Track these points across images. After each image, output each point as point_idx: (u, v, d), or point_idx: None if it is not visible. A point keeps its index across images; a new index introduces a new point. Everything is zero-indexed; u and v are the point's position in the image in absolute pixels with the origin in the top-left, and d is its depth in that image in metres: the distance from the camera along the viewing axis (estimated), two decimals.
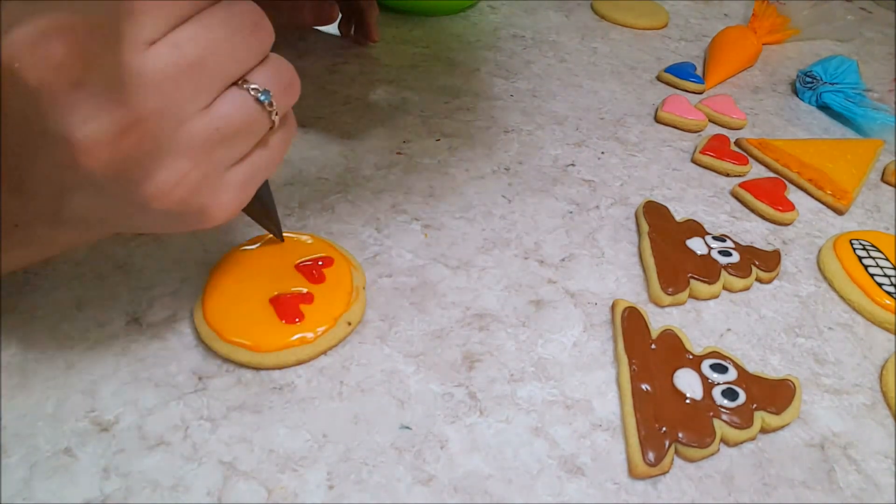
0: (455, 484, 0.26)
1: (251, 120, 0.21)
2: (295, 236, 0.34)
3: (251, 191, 0.24)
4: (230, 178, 0.22)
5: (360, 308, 0.31)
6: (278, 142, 0.24)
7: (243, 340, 0.28)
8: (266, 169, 0.24)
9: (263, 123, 0.22)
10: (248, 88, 0.21)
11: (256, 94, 0.21)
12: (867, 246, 0.39)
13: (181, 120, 0.20)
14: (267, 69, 0.22)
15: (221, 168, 0.22)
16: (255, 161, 0.23)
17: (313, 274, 0.31)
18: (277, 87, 0.22)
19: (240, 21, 0.20)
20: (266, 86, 0.21)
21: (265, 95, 0.21)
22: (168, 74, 0.19)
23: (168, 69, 0.19)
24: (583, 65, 0.58)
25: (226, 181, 0.22)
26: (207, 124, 0.20)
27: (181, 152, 0.20)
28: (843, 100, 0.55)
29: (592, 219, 0.40)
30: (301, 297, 0.30)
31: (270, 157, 0.24)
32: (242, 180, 0.23)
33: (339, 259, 0.32)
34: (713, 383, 0.30)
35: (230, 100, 0.21)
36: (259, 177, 0.24)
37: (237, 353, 0.28)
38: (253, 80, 0.21)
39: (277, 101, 0.22)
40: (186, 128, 0.20)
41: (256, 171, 0.23)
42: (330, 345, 0.30)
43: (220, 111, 0.20)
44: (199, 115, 0.20)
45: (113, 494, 0.24)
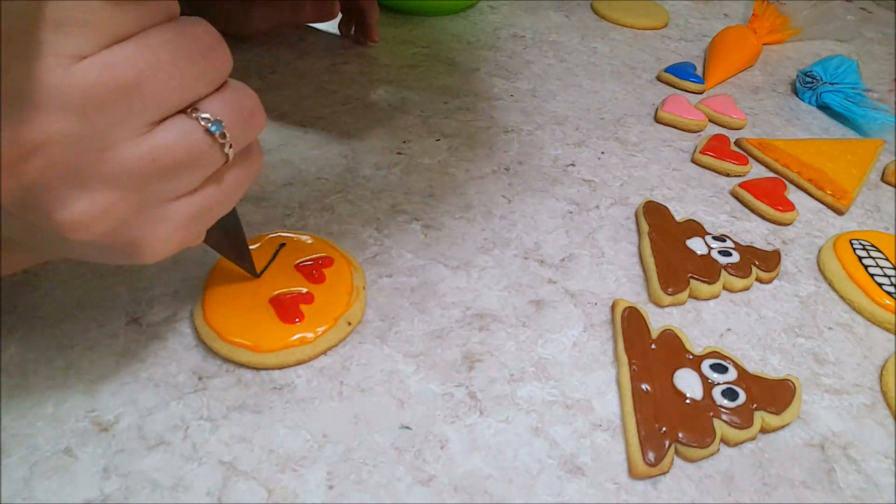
0: (455, 484, 0.26)
1: (197, 152, 0.19)
2: (295, 236, 0.34)
3: (199, 227, 0.22)
4: (170, 212, 0.20)
5: (360, 308, 0.31)
6: (235, 179, 0.22)
7: (243, 340, 0.28)
8: (219, 206, 0.22)
9: (214, 157, 0.20)
10: (198, 117, 0.19)
11: (206, 125, 0.19)
12: (867, 246, 0.39)
13: (106, 147, 0.18)
14: (223, 97, 0.20)
15: (159, 202, 0.20)
16: (204, 197, 0.21)
17: (313, 274, 0.31)
18: (233, 118, 0.20)
19: (190, 44, 0.18)
20: (219, 115, 0.19)
21: (216, 126, 0.19)
22: (93, 95, 0.17)
23: (93, 89, 0.17)
24: (583, 65, 0.58)
25: (165, 216, 0.20)
26: (142, 154, 0.18)
27: (106, 182, 0.18)
28: (843, 100, 0.55)
29: (592, 219, 0.40)
30: (301, 297, 0.30)
31: (224, 194, 0.22)
32: (186, 216, 0.21)
33: (339, 259, 0.32)
34: (713, 383, 0.30)
35: (173, 128, 0.19)
36: (210, 215, 0.22)
37: (237, 353, 0.28)
38: (205, 108, 0.19)
39: (232, 132, 0.20)
40: (113, 156, 0.18)
41: (205, 208, 0.21)
42: (330, 345, 0.30)
43: (159, 140, 0.18)
44: (131, 143, 0.18)
45: (113, 494, 0.24)
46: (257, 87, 0.48)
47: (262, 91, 0.47)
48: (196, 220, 0.21)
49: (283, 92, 0.48)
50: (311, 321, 0.29)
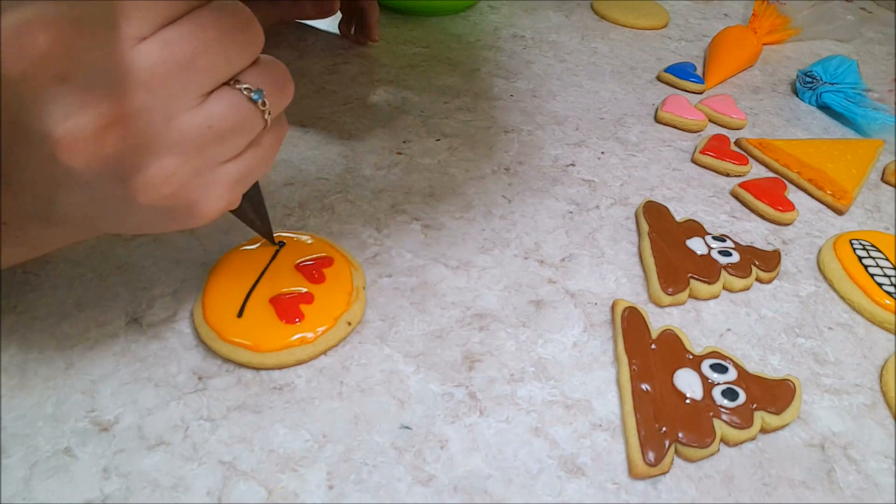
0: (455, 484, 0.26)
1: (244, 119, 0.21)
2: (295, 236, 0.34)
3: (242, 189, 0.24)
4: (221, 175, 0.22)
5: (360, 308, 0.31)
6: (271, 141, 0.24)
7: (243, 340, 0.28)
8: (258, 168, 0.24)
9: (256, 122, 0.22)
10: (241, 88, 0.21)
11: (249, 94, 0.21)
12: (867, 246, 0.39)
13: (170, 117, 0.20)
14: (259, 69, 0.22)
15: (212, 165, 0.22)
16: (247, 160, 0.23)
17: (313, 274, 0.31)
18: (270, 87, 0.22)
19: (230, 22, 0.20)
20: (259, 85, 0.21)
21: (258, 94, 0.21)
22: (157, 71, 0.19)
23: (157, 66, 0.19)
24: (583, 65, 0.58)
25: (216, 178, 0.22)
26: (199, 122, 0.20)
27: (170, 148, 0.20)
28: (843, 100, 0.55)
29: (592, 219, 0.40)
30: (301, 297, 0.30)
31: (263, 156, 0.24)
32: (234, 178, 0.23)
33: (339, 259, 0.32)
34: (713, 383, 0.30)
35: (222, 98, 0.21)
36: (251, 176, 0.24)
37: (237, 353, 0.28)
38: (245, 79, 0.21)
39: (270, 100, 0.22)
40: (176, 124, 0.20)
41: (248, 169, 0.23)
42: (330, 345, 0.30)
43: (212, 109, 0.20)
44: (190, 113, 0.20)
45: (113, 494, 0.24)
46: None
47: None
48: (241, 181, 0.23)
49: None
50: (311, 321, 0.29)
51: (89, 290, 0.31)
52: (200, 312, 0.29)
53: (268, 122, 0.23)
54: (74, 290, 0.31)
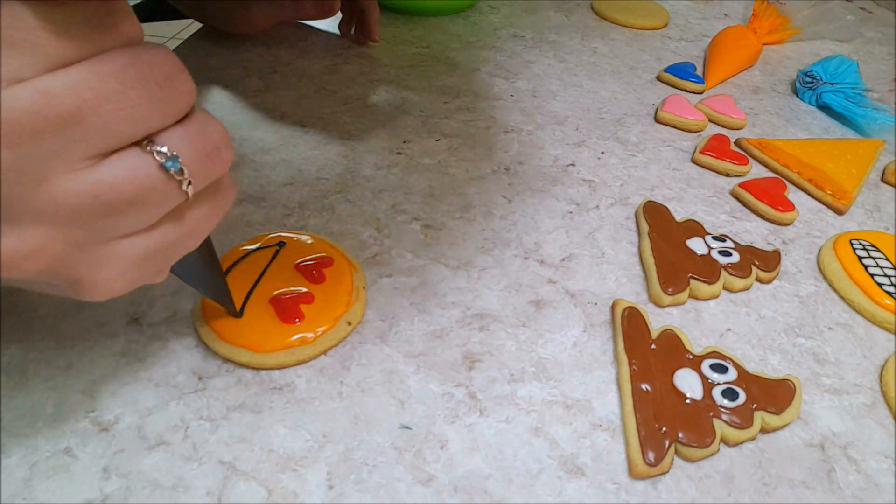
0: (455, 484, 0.26)
1: (149, 189, 0.18)
2: (295, 236, 0.34)
3: (158, 266, 0.21)
4: (118, 251, 0.19)
5: (360, 308, 0.31)
6: (199, 216, 0.21)
7: (243, 340, 0.28)
8: (181, 244, 0.21)
9: (170, 194, 0.18)
10: (153, 151, 0.18)
11: (161, 160, 0.18)
12: (867, 246, 0.39)
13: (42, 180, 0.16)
14: (184, 131, 0.18)
15: (105, 240, 0.18)
16: (162, 235, 0.20)
17: (313, 274, 0.31)
18: (194, 153, 0.18)
19: (145, 72, 0.17)
20: (177, 150, 0.18)
21: (172, 162, 0.18)
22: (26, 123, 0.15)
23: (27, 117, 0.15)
24: (583, 65, 0.58)
25: (111, 254, 0.19)
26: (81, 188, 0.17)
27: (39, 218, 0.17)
28: (843, 100, 0.55)
29: (592, 219, 0.40)
30: (301, 297, 0.30)
31: (185, 232, 0.20)
32: (139, 255, 0.19)
33: (339, 259, 0.32)
34: (713, 383, 0.30)
35: (122, 163, 0.17)
36: (171, 253, 0.21)
37: (237, 354, 0.28)
38: (162, 142, 0.18)
39: (192, 168, 0.18)
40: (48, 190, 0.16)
41: (163, 246, 0.20)
42: (330, 345, 0.30)
43: (103, 175, 0.17)
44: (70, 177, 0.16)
45: (113, 494, 0.24)
46: (257, 87, 0.48)
47: (261, 91, 0.47)
48: (152, 259, 0.20)
49: (283, 92, 0.48)
50: (311, 321, 0.29)
51: None
52: (200, 312, 0.29)
53: (189, 195, 0.19)
54: None
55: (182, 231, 0.20)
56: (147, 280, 0.21)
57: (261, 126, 0.44)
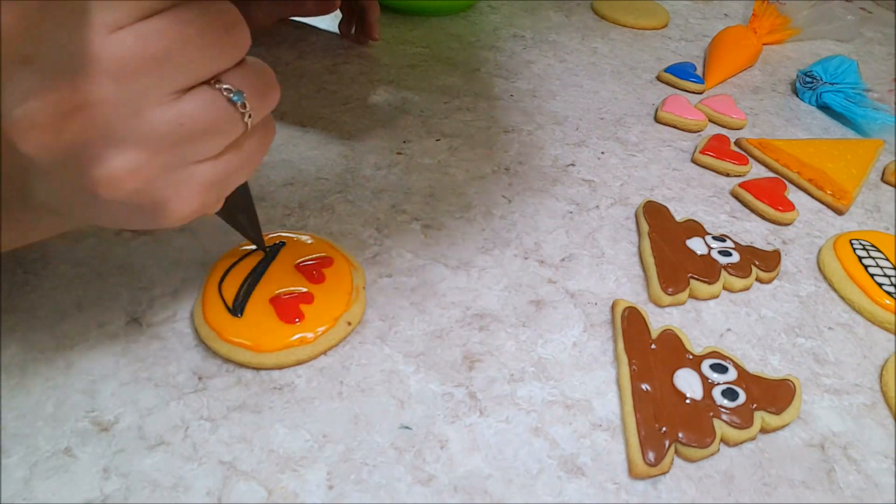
0: (455, 484, 0.26)
1: (220, 119, 0.21)
2: (295, 236, 0.34)
3: (220, 193, 0.23)
4: (194, 175, 0.21)
5: (360, 308, 0.31)
6: (253, 147, 0.23)
7: (243, 340, 0.28)
8: (238, 173, 0.23)
9: (235, 125, 0.21)
10: (220, 88, 0.20)
11: (228, 95, 0.21)
12: (867, 246, 0.39)
13: (138, 110, 0.19)
14: (243, 71, 0.21)
15: (185, 164, 0.21)
16: (225, 163, 0.22)
17: (313, 274, 0.31)
18: (252, 90, 0.21)
19: (214, 20, 0.19)
20: (240, 87, 0.21)
21: (238, 96, 0.21)
22: (128, 63, 0.18)
23: (129, 58, 0.18)
24: (583, 65, 0.58)
25: (189, 178, 0.21)
26: (170, 118, 0.19)
27: (137, 143, 0.19)
28: (843, 100, 0.55)
29: (592, 219, 0.40)
30: (301, 297, 0.30)
31: (244, 161, 0.23)
32: (209, 180, 0.22)
33: (339, 259, 0.32)
34: (713, 383, 0.30)
35: (198, 97, 0.20)
36: (230, 180, 0.23)
37: (237, 354, 0.28)
38: (226, 80, 0.21)
39: (252, 103, 0.21)
40: (144, 119, 0.19)
41: (227, 173, 0.22)
42: (330, 345, 0.30)
43: (186, 106, 0.20)
44: (161, 108, 0.19)
45: (113, 494, 0.24)
46: None
47: None
48: (217, 185, 0.22)
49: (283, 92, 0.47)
50: (311, 321, 0.29)
51: (89, 290, 0.31)
52: (200, 312, 0.29)
53: (248, 126, 0.22)
54: (74, 290, 0.31)
55: (241, 159, 0.23)
56: (209, 208, 0.23)
57: None
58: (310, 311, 0.30)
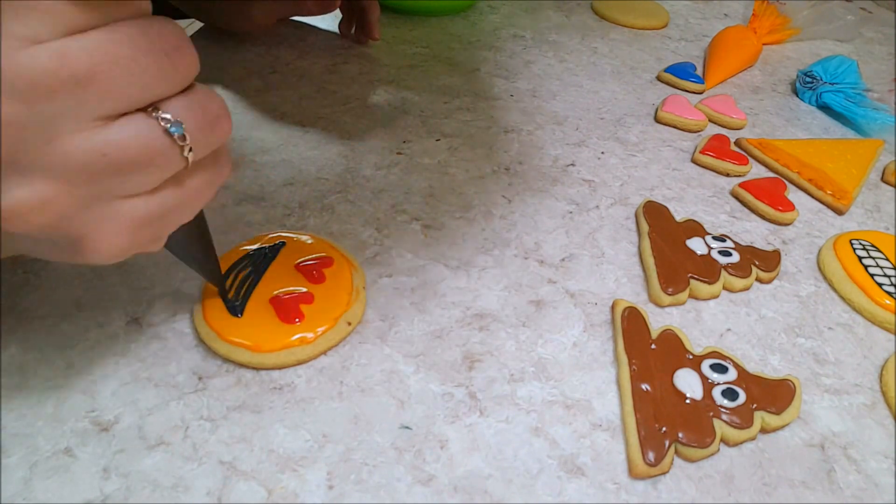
0: (455, 484, 0.26)
1: (154, 152, 0.19)
2: (295, 236, 0.34)
3: (156, 232, 0.21)
4: (122, 212, 0.20)
5: (360, 308, 0.31)
6: (198, 184, 0.21)
7: (243, 340, 0.28)
8: (179, 211, 0.21)
9: (172, 159, 0.19)
10: (157, 117, 0.19)
11: (166, 125, 0.19)
12: (867, 246, 0.39)
13: (54, 136, 0.17)
14: (186, 100, 0.19)
15: (109, 198, 0.19)
16: (161, 199, 0.20)
17: (313, 274, 0.31)
18: (196, 122, 0.19)
19: (154, 42, 0.18)
20: (181, 117, 0.19)
21: (176, 128, 0.19)
22: (42, 83, 0.16)
23: (43, 76, 0.16)
24: (583, 65, 0.58)
25: (114, 214, 0.19)
26: (90, 147, 0.18)
27: (48, 172, 0.17)
28: (843, 100, 0.55)
29: (592, 219, 0.40)
30: (301, 297, 0.30)
31: (186, 198, 0.21)
32: (140, 217, 0.20)
33: (339, 259, 0.32)
34: (713, 383, 0.30)
35: (129, 125, 0.18)
36: (169, 219, 0.21)
37: (237, 354, 0.28)
38: (166, 109, 0.19)
39: (194, 136, 0.19)
40: (59, 146, 0.17)
41: (163, 211, 0.21)
42: (330, 345, 0.30)
43: (111, 136, 0.18)
44: (80, 135, 0.17)
45: (113, 494, 0.24)
46: (257, 87, 0.48)
47: (261, 91, 0.47)
48: (152, 224, 0.21)
49: (283, 92, 0.48)
50: (311, 321, 0.29)
51: (89, 290, 0.31)
52: (200, 312, 0.29)
53: (189, 161, 0.20)
54: (74, 290, 0.31)
55: (181, 198, 0.21)
56: (144, 246, 0.21)
57: (261, 126, 0.44)
58: (310, 312, 0.30)
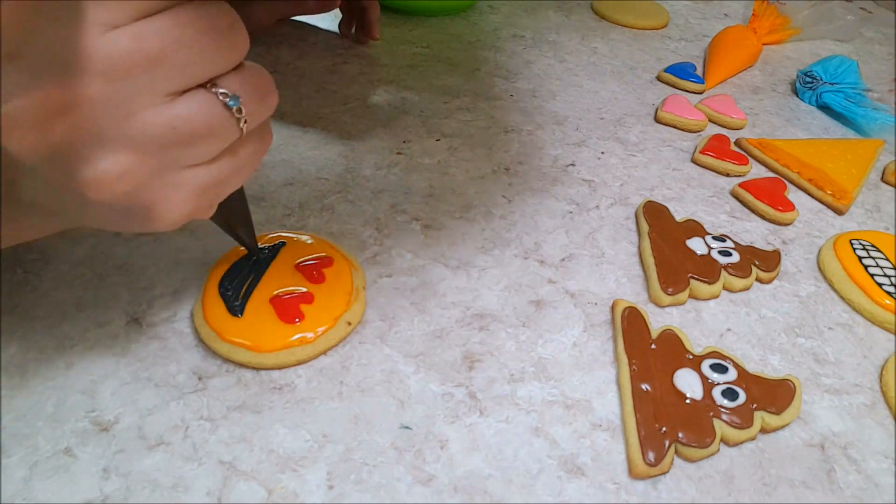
0: (455, 484, 0.26)
1: (215, 124, 0.20)
2: (295, 236, 0.34)
3: (213, 199, 0.23)
4: (187, 180, 0.21)
5: (359, 308, 0.31)
6: (249, 152, 0.23)
7: (243, 340, 0.28)
8: (233, 178, 0.23)
9: (230, 130, 0.21)
10: (216, 92, 0.20)
11: (224, 99, 0.20)
12: (867, 246, 0.39)
13: (131, 112, 0.19)
14: (240, 76, 0.21)
15: (176, 168, 0.21)
16: (219, 168, 0.22)
17: (313, 274, 0.31)
18: (249, 95, 0.21)
19: (213, 23, 0.19)
20: (236, 91, 0.21)
21: (234, 101, 0.21)
22: (122, 63, 0.18)
23: (123, 58, 0.18)
24: (583, 65, 0.58)
25: (181, 182, 0.21)
26: (163, 121, 0.19)
27: (128, 145, 0.19)
28: (843, 100, 0.55)
29: (592, 219, 0.40)
30: (301, 297, 0.30)
31: (238, 166, 0.23)
32: (202, 185, 0.22)
33: (339, 259, 0.32)
34: (713, 383, 0.30)
35: (193, 100, 0.20)
36: (224, 186, 0.23)
37: (237, 354, 0.28)
38: (223, 84, 0.20)
39: (248, 108, 0.21)
40: (136, 120, 0.19)
41: (221, 178, 0.22)
42: (330, 345, 0.30)
43: (179, 110, 0.20)
44: (154, 110, 0.19)
45: (113, 494, 0.24)
46: None
47: None
48: (211, 190, 0.22)
49: (283, 92, 0.48)
50: (311, 321, 0.29)
51: (89, 290, 0.31)
52: (200, 312, 0.29)
53: (244, 131, 0.22)
54: (74, 290, 0.31)
55: (236, 165, 0.23)
56: (201, 213, 0.23)
57: None
58: (310, 312, 0.30)
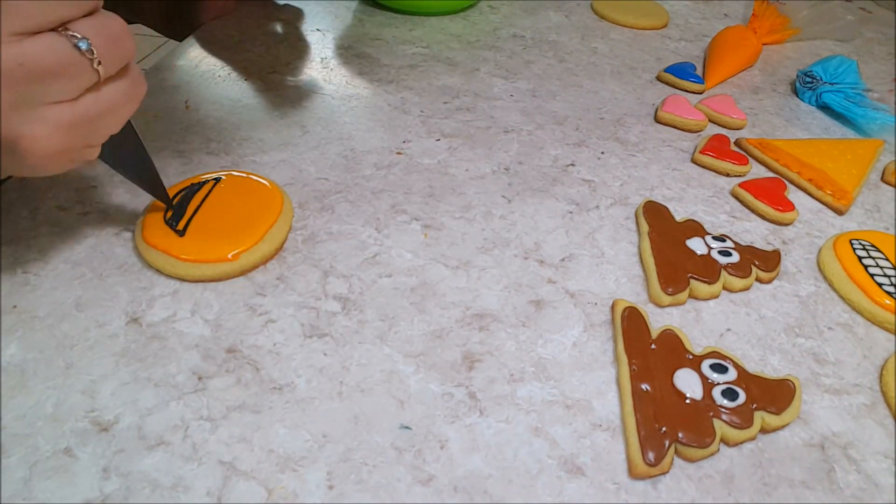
0: (455, 484, 0.26)
1: (66, 63, 0.22)
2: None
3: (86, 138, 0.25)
4: (49, 115, 0.23)
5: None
6: (115, 94, 0.25)
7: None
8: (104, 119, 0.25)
9: (84, 70, 0.23)
10: (67, 35, 0.22)
11: (74, 41, 0.22)
12: (867, 246, 0.39)
13: None
14: (92, 21, 0.23)
15: (35, 104, 0.23)
16: (84, 106, 0.24)
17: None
18: (101, 39, 0.23)
19: None
20: (88, 35, 0.23)
21: (84, 43, 0.23)
22: None
23: None
24: (583, 65, 0.58)
25: (42, 117, 0.23)
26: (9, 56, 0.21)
27: None
28: (843, 100, 0.55)
29: (592, 219, 0.40)
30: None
31: (106, 107, 0.25)
32: (67, 122, 0.24)
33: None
34: (713, 383, 0.30)
35: (42, 40, 0.22)
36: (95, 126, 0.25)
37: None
38: (74, 28, 0.22)
39: (100, 51, 0.23)
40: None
41: (87, 117, 0.24)
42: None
43: (26, 48, 0.21)
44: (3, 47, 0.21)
45: (113, 494, 0.24)
46: (257, 87, 0.48)
47: (261, 91, 0.47)
48: (79, 128, 0.24)
49: (284, 92, 0.48)
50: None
51: (89, 290, 0.31)
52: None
53: (101, 73, 0.24)
54: (74, 290, 0.31)
55: (101, 106, 0.25)
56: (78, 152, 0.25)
57: (261, 126, 0.44)
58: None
